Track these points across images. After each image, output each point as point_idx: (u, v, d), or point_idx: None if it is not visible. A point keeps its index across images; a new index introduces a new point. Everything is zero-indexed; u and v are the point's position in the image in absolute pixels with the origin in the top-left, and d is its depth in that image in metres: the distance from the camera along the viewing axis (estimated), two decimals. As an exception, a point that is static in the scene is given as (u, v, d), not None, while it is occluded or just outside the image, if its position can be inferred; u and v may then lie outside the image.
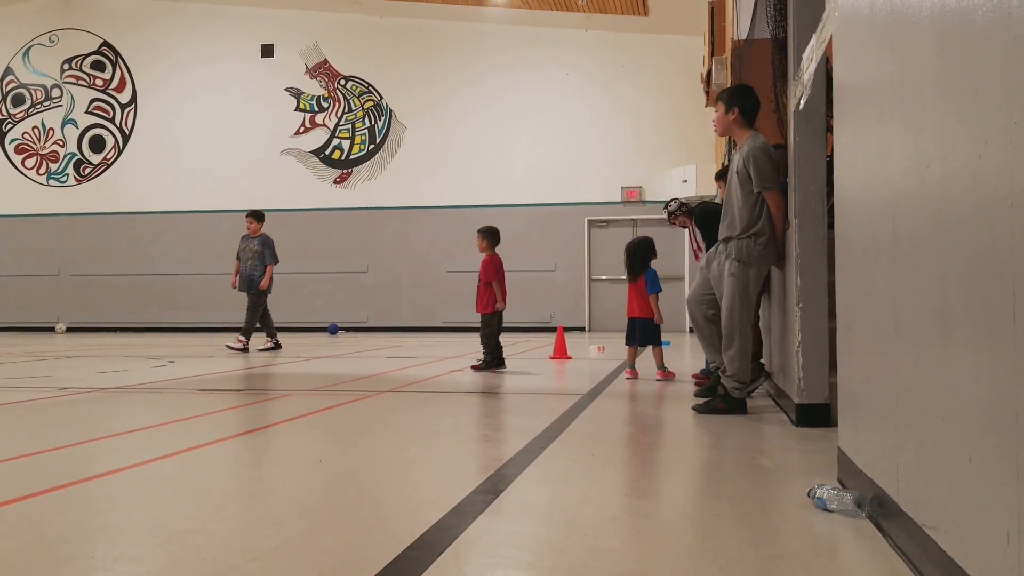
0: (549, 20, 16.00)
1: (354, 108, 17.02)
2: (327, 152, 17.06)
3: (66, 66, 18.10)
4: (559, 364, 7.91)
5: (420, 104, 16.73)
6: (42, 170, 18.11)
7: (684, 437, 3.76)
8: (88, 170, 17.92)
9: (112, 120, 17.89)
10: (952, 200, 1.49)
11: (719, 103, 4.51)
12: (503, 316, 7.05)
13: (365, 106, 16.99)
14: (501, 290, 6.91)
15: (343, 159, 17.00)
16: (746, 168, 4.22)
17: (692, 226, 6.30)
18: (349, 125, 17.02)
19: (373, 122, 16.94)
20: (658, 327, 6.25)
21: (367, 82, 17.02)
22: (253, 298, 9.74)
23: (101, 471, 2.93)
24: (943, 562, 1.56)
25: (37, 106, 18.19)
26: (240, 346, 9.52)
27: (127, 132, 17.83)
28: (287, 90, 17.21)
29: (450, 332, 15.43)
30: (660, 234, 15.06)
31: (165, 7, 17.57)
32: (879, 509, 2.10)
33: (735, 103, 4.38)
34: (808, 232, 3.83)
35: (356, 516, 2.37)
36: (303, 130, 17.16)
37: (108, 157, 17.86)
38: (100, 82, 17.96)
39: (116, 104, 17.89)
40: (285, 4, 16.84)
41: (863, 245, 2.27)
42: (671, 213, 6.33)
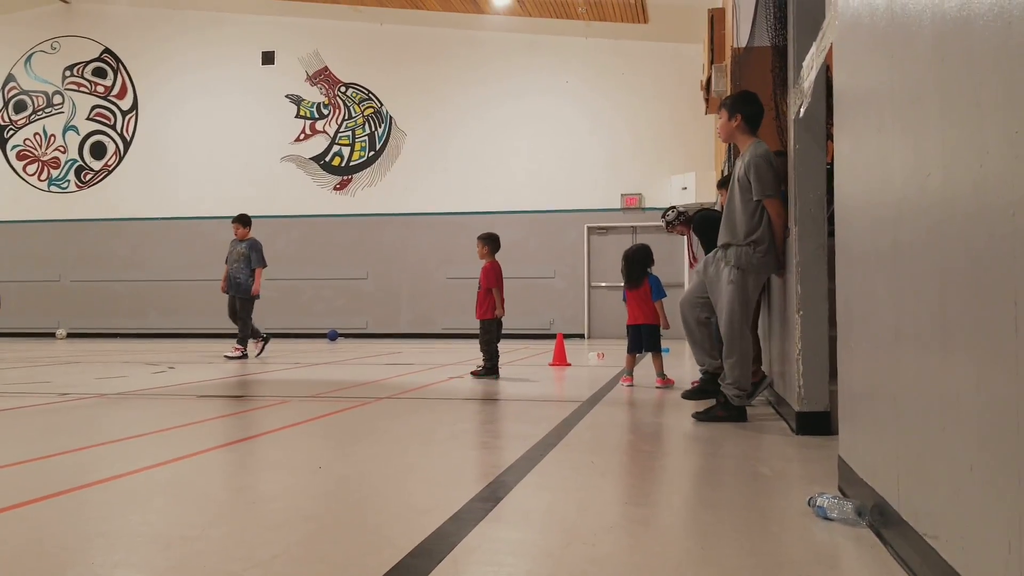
0: (548, 27, 16.04)
1: (354, 115, 17.05)
2: (327, 159, 17.09)
3: (68, 73, 18.13)
4: (558, 371, 7.90)
5: (420, 111, 16.76)
6: (43, 176, 18.13)
7: (684, 445, 3.75)
8: (89, 176, 17.94)
9: (113, 127, 17.92)
10: (953, 209, 1.49)
11: (722, 110, 4.51)
12: (502, 323, 7.05)
13: (365, 113, 17.02)
14: (500, 297, 6.92)
15: (343, 166, 17.02)
16: (747, 176, 4.23)
17: (690, 235, 6.32)
18: (349, 132, 17.05)
19: (373, 129, 16.97)
20: (659, 334, 6.29)
21: (367, 89, 17.05)
22: (243, 304, 9.70)
23: (101, 477, 2.92)
24: (944, 571, 1.56)
25: (39, 112, 18.21)
26: (238, 354, 9.53)
27: (128, 139, 17.85)
28: (287, 97, 17.24)
29: (449, 339, 15.43)
30: (659, 241, 15.09)
31: (166, 14, 17.61)
32: (880, 518, 2.10)
33: (737, 110, 4.38)
34: (808, 240, 3.83)
35: (355, 523, 2.36)
36: (303, 137, 17.19)
37: (109, 164, 17.88)
38: (101, 89, 17.99)
39: (117, 111, 17.92)
40: (286, 11, 16.88)
41: (863, 253, 2.27)
42: (669, 222, 6.34)
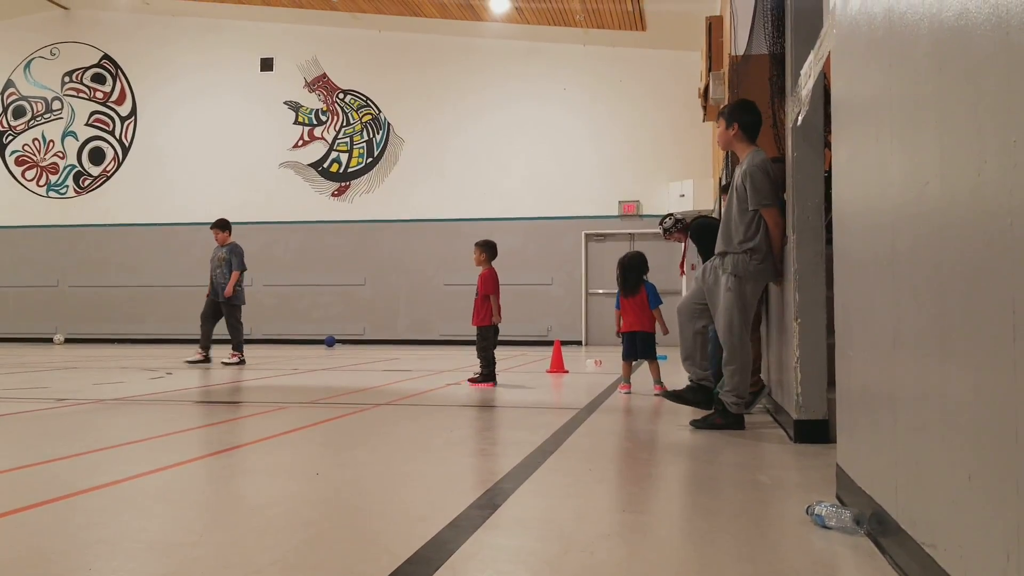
0: (546, 35, 16.09)
1: (352, 121, 17.08)
2: (325, 165, 17.10)
3: (67, 79, 18.15)
4: (556, 378, 7.90)
5: (418, 118, 16.79)
6: (42, 182, 18.13)
7: (681, 452, 3.75)
8: (88, 182, 17.94)
9: (112, 132, 17.93)
10: (951, 217, 1.50)
11: (720, 119, 4.53)
12: (499, 329, 7.06)
13: (363, 119, 17.05)
14: (497, 304, 6.93)
15: (341, 172, 17.04)
16: (744, 185, 4.23)
17: (686, 243, 6.33)
18: (347, 138, 17.07)
19: (371, 135, 16.99)
20: (654, 341, 6.30)
21: (365, 96, 17.08)
22: (230, 310, 9.69)
23: (98, 483, 2.92)
24: (942, 580, 1.56)
25: (38, 118, 18.22)
26: (235, 360, 9.53)
27: (127, 144, 17.86)
28: (286, 103, 17.26)
29: (447, 345, 15.42)
30: (657, 248, 15.09)
31: (165, 21, 17.64)
32: (878, 526, 2.10)
33: (735, 119, 4.39)
34: (806, 247, 3.84)
35: (353, 530, 2.36)
36: (302, 143, 17.20)
37: (108, 169, 17.89)
38: (100, 95, 18.01)
39: (116, 117, 17.93)
40: (285, 18, 16.92)
41: (861, 261, 2.27)
42: (666, 230, 6.36)
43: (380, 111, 16.99)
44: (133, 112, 17.89)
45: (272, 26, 17.18)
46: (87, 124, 18.01)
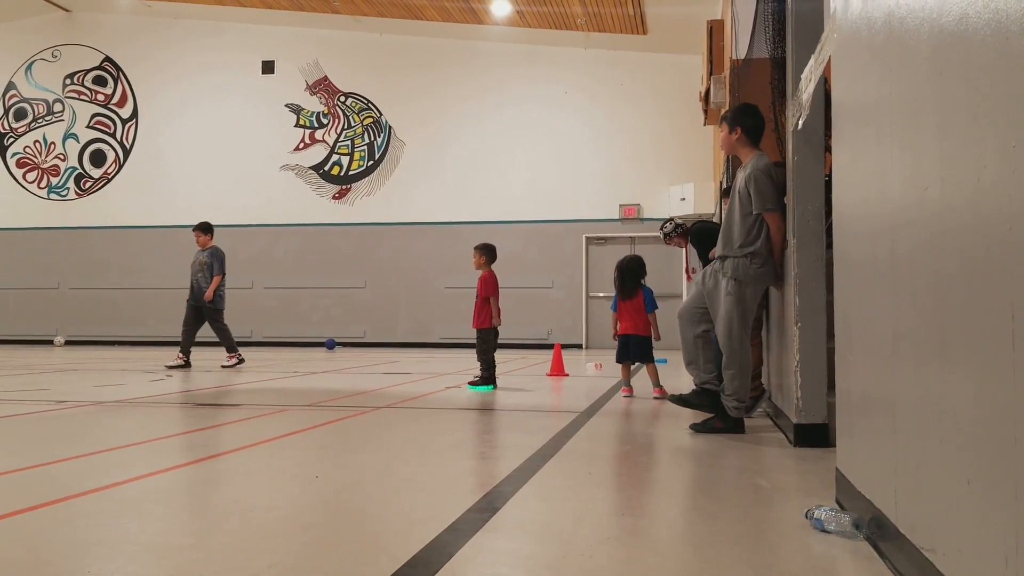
0: (548, 38, 16.10)
1: (353, 124, 17.09)
2: (326, 168, 17.11)
3: (68, 81, 18.17)
4: (556, 381, 7.90)
5: (419, 121, 16.80)
6: (43, 184, 18.14)
7: (681, 456, 3.75)
8: (89, 184, 17.95)
9: (113, 135, 17.94)
10: (950, 222, 1.50)
11: (723, 123, 4.53)
12: (499, 332, 7.06)
13: (364, 122, 17.06)
14: (497, 306, 6.93)
15: (342, 175, 17.05)
16: (747, 188, 4.24)
17: (688, 247, 6.34)
18: (348, 141, 17.08)
19: (372, 138, 17.00)
20: (651, 345, 6.30)
21: (367, 99, 17.09)
22: (213, 315, 9.61)
23: (97, 485, 2.92)
24: (942, 584, 1.56)
25: (39, 120, 18.24)
26: (233, 361, 9.51)
27: (128, 147, 17.87)
28: (287, 106, 17.28)
29: (447, 348, 15.42)
30: (657, 252, 15.11)
31: (167, 23, 17.66)
32: (877, 531, 2.10)
33: (738, 123, 4.40)
34: (807, 252, 3.84)
35: (352, 533, 2.36)
36: (303, 146, 17.22)
37: (109, 171, 17.90)
38: (102, 97, 18.03)
39: (117, 119, 17.95)
40: (286, 21, 16.94)
41: (861, 265, 2.27)
42: (667, 235, 6.37)
43: (381, 114, 17.01)
44: (134, 114, 17.91)
45: (274, 29, 17.21)
46: (88, 126, 18.03)
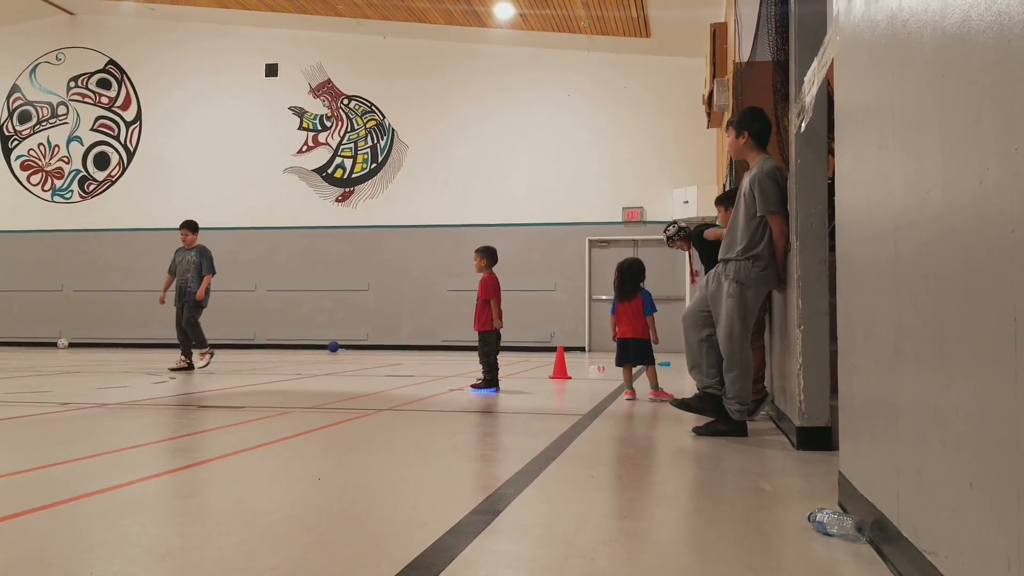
0: (551, 41, 16.12)
1: (356, 127, 17.11)
2: (329, 171, 17.13)
3: (72, 84, 18.21)
4: (559, 384, 7.89)
5: (422, 124, 16.82)
6: (47, 186, 18.18)
7: (683, 459, 3.74)
8: (92, 187, 17.99)
9: (117, 138, 17.98)
10: (953, 225, 1.50)
11: (730, 128, 4.54)
12: (501, 335, 7.06)
13: (367, 125, 17.08)
14: (498, 309, 6.93)
15: (345, 178, 17.06)
16: (752, 191, 4.24)
17: (691, 250, 6.35)
18: (351, 144, 17.10)
19: (375, 141, 17.02)
20: (650, 347, 6.31)
21: (370, 102, 17.11)
22: (191, 312, 9.33)
23: (100, 487, 2.92)
24: (944, 588, 1.55)
25: (43, 123, 18.29)
26: (208, 357, 9.26)
27: (131, 150, 17.91)
28: (290, 109, 17.31)
29: (450, 351, 15.42)
30: (660, 255, 15.10)
31: (171, 26, 17.70)
32: (880, 534, 2.09)
33: (745, 127, 4.41)
34: (809, 254, 3.84)
35: (354, 535, 2.36)
36: (306, 149, 17.24)
37: (112, 174, 17.94)
38: (106, 100, 18.07)
39: (121, 122, 17.99)
40: (289, 24, 16.97)
41: (864, 268, 2.27)
42: (669, 237, 6.37)
43: (384, 117, 17.03)
44: (138, 117, 17.95)
45: (277, 32, 17.24)
46: (92, 129, 18.07)
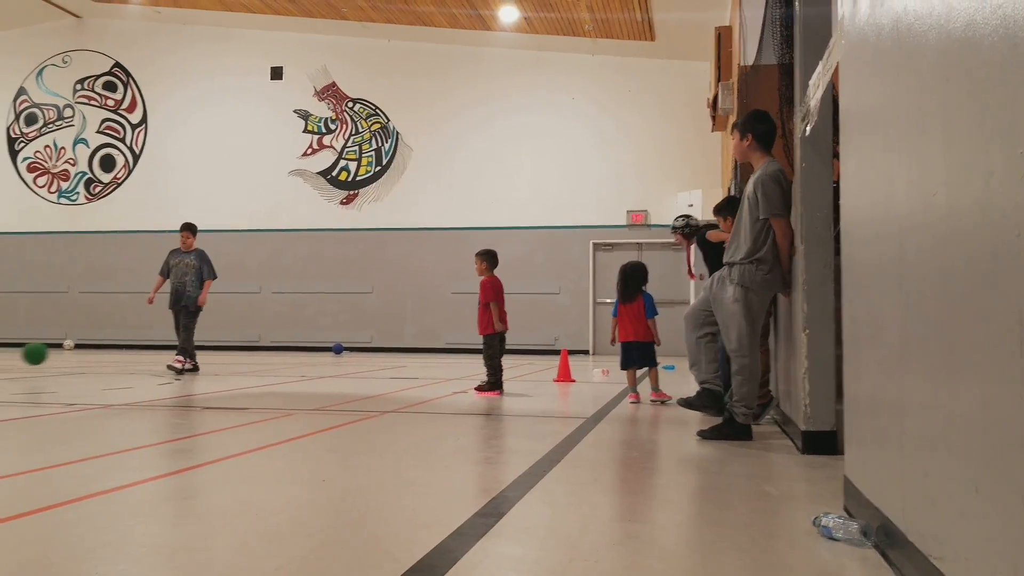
0: (555, 44, 16.13)
1: (361, 130, 17.14)
2: (334, 173, 17.16)
3: (78, 86, 18.28)
4: (563, 387, 7.89)
5: (426, 127, 16.84)
6: (53, 188, 18.24)
7: (688, 463, 3.74)
8: (98, 189, 18.04)
9: (123, 140, 18.04)
10: (958, 229, 1.50)
11: (734, 131, 4.55)
12: (505, 338, 7.05)
13: (372, 128, 17.11)
14: (499, 311, 6.93)
15: (350, 180, 17.09)
16: (755, 194, 4.24)
17: (689, 248, 6.41)
18: (356, 147, 17.13)
19: (380, 144, 17.04)
20: (653, 350, 6.32)
21: (374, 104, 17.14)
22: (190, 316, 9.20)
23: (105, 488, 2.92)
24: (950, 592, 1.55)
25: (49, 125, 18.35)
26: (180, 366, 8.96)
27: (137, 152, 17.96)
28: (295, 112, 17.34)
29: (454, 353, 15.41)
30: (664, 259, 15.09)
31: (176, 29, 17.76)
32: (885, 538, 2.09)
33: (749, 129, 4.41)
34: (815, 258, 3.83)
35: (358, 537, 2.36)
36: (311, 151, 17.27)
37: (118, 176, 17.99)
38: (111, 102, 18.13)
39: (127, 124, 18.04)
40: (294, 27, 17.01)
41: (869, 271, 2.27)
42: (674, 228, 6.43)
43: (389, 120, 17.06)
44: (144, 120, 18.00)
45: (282, 35, 17.28)
46: (98, 131, 18.13)
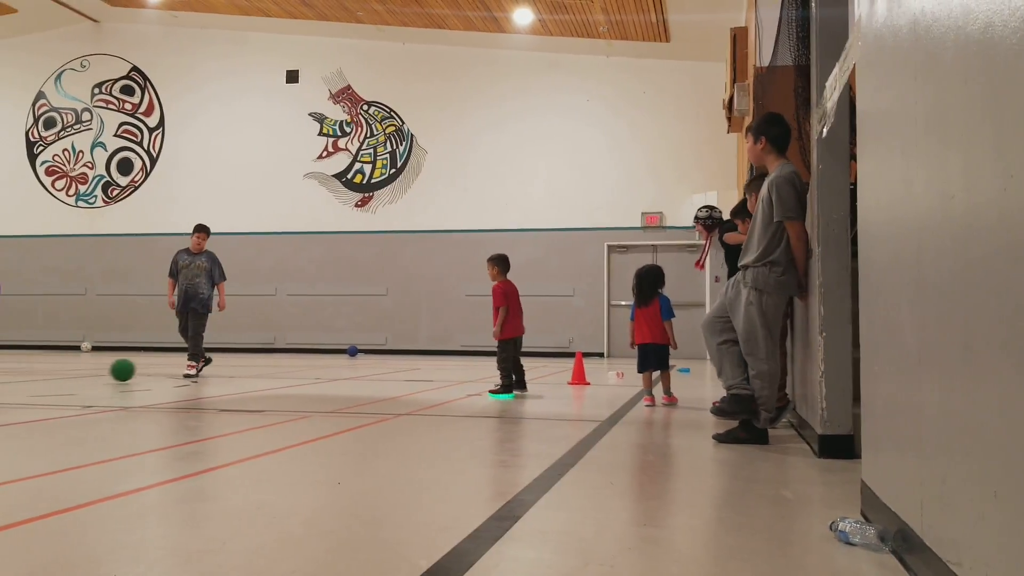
0: (569, 46, 16.12)
1: (376, 133, 17.20)
2: (349, 176, 17.23)
3: (96, 90, 18.45)
4: (577, 390, 7.88)
5: (441, 129, 16.87)
6: (71, 192, 18.41)
7: (704, 466, 3.72)
8: (116, 192, 18.20)
9: (140, 143, 18.18)
10: (977, 232, 1.48)
11: (748, 134, 4.53)
12: (520, 341, 7.06)
13: (387, 131, 17.16)
14: (506, 316, 6.95)
15: (364, 183, 17.15)
16: (769, 196, 4.22)
17: (708, 240, 6.42)
18: (371, 149, 17.19)
19: (394, 147, 17.09)
20: (668, 353, 6.30)
21: (389, 107, 17.20)
22: (199, 319, 9.19)
23: (124, 490, 2.95)
24: (969, 599, 1.54)
25: (68, 129, 18.52)
26: (195, 371, 9.01)
27: (154, 155, 18.10)
28: (311, 115, 17.42)
29: (468, 356, 15.43)
30: (680, 261, 15.04)
31: (193, 33, 17.89)
32: (903, 544, 2.07)
33: (762, 132, 4.39)
34: (831, 260, 3.81)
35: (374, 540, 2.36)
36: (326, 154, 17.35)
37: (135, 179, 18.13)
38: (129, 106, 18.28)
39: (144, 128, 18.19)
40: (310, 31, 17.09)
41: (887, 275, 2.25)
42: (696, 217, 6.44)
43: (403, 122, 17.11)
44: (161, 123, 18.14)
45: (298, 39, 17.37)
46: (116, 135, 18.29)
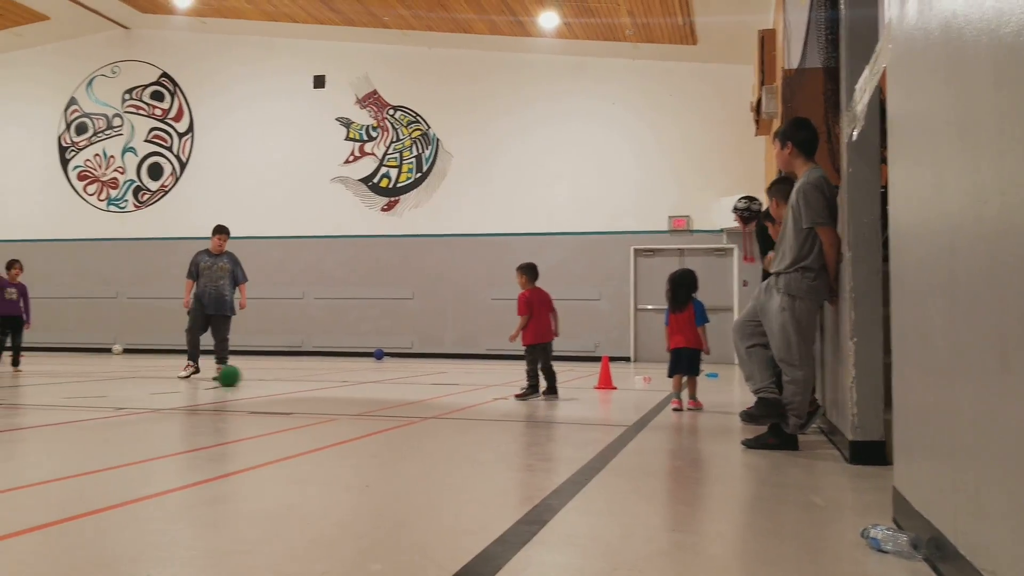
0: (596, 50, 16.10)
1: (402, 137, 17.29)
2: (375, 180, 17.33)
3: (127, 96, 18.73)
4: (604, 394, 7.86)
5: (466, 133, 16.92)
6: (103, 196, 18.70)
7: (733, 472, 3.70)
8: (146, 196, 18.45)
9: (170, 148, 18.43)
10: (1010, 236, 1.47)
11: (775, 140, 4.50)
12: (551, 347, 7.12)
13: (413, 135, 17.25)
14: (525, 324, 7.02)
15: (391, 187, 17.24)
16: (798, 202, 4.19)
17: (745, 232, 6.39)
18: (397, 154, 17.28)
19: (420, 151, 17.17)
20: (699, 358, 6.29)
21: (415, 112, 17.28)
22: (226, 322, 9.33)
23: (155, 491, 2.99)
24: (1004, 608, 1.52)
25: (99, 134, 18.83)
26: (186, 374, 9.15)
27: (184, 160, 18.34)
28: (337, 120, 17.56)
29: (494, 360, 15.44)
30: (708, 265, 14.97)
31: (222, 40, 18.11)
32: (936, 551, 2.05)
33: (789, 137, 4.36)
34: (862, 265, 3.77)
35: (403, 543, 2.38)
36: (352, 159, 17.47)
37: (165, 184, 18.38)
38: (159, 112, 18.54)
39: (174, 133, 18.44)
40: (337, 37, 17.23)
41: (918, 280, 2.23)
42: (735, 208, 6.41)
43: (429, 127, 17.18)
44: (190, 128, 18.38)
45: (324, 44, 17.52)
46: (146, 140, 18.56)
